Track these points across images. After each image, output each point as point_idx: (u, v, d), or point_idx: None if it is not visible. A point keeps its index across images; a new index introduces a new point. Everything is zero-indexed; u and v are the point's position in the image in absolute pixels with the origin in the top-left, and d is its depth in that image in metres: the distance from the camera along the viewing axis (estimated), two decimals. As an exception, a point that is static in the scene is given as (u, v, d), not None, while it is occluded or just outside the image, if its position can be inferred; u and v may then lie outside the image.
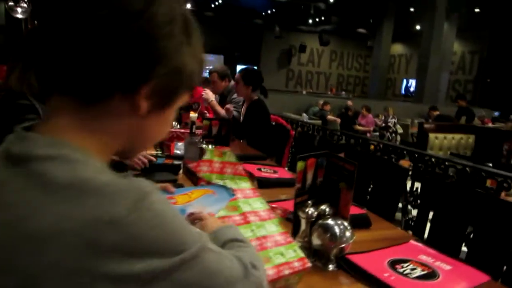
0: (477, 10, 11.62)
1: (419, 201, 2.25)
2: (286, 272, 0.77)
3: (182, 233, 0.45)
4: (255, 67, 3.07)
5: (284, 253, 0.81)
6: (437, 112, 7.28)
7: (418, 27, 13.68)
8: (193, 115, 2.86)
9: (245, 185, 1.06)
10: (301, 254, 0.82)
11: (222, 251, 0.53)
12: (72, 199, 0.41)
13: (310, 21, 14.85)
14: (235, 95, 3.22)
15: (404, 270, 0.95)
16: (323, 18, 14.22)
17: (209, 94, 3.17)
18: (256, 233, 0.86)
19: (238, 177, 1.09)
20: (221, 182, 1.09)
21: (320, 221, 0.97)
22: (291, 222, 1.05)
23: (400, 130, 7.65)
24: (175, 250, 0.44)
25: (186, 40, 0.51)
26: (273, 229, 0.88)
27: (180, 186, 1.41)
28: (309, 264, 0.81)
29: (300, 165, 1.00)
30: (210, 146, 1.08)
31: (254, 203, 0.99)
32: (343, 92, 15.50)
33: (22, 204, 0.41)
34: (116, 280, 0.40)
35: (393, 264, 0.98)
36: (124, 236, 0.40)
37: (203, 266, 0.46)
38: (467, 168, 2.02)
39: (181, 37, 0.50)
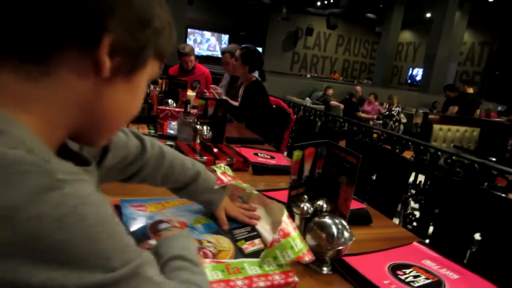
0: (490, 0, 11.30)
1: (422, 197, 2.16)
2: (261, 284, 0.66)
3: (106, 244, 0.35)
4: (258, 48, 2.90)
5: (263, 265, 0.71)
6: (471, 90, 6.74)
7: (428, 15, 13.36)
8: (190, 93, 2.74)
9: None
10: (285, 267, 0.72)
11: (167, 284, 0.42)
12: None
13: (319, 3, 14.50)
14: None
15: (407, 277, 0.85)
16: (331, 0, 13.86)
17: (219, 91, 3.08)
18: None
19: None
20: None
21: (316, 219, 0.87)
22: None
23: (404, 120, 7.53)
24: (90, 264, 0.33)
25: None
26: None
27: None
28: (294, 279, 0.70)
29: (296, 154, 0.89)
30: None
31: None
32: (367, 80, 15.20)
33: None
34: None
35: (394, 269, 0.88)
36: (19, 235, 0.31)
37: None
38: (475, 165, 1.91)
39: None
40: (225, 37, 15.70)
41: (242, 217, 0.89)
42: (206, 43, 15.46)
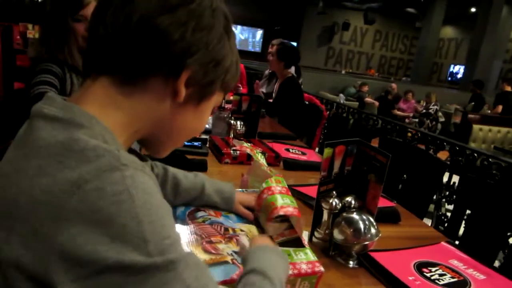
0: (542, -7, 10.62)
1: (454, 197, 2.12)
2: (289, 272, 0.69)
3: (147, 228, 0.39)
4: (294, 43, 2.92)
5: (292, 254, 0.75)
6: (509, 88, 6.47)
7: (473, 10, 12.76)
8: (225, 88, 2.82)
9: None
10: (313, 257, 0.76)
11: (206, 279, 0.44)
12: (52, 159, 0.41)
13: (356, -3, 14.19)
14: None
15: (432, 275, 0.87)
16: (370, -6, 13.53)
17: None
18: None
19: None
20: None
21: (344, 214, 0.90)
22: (311, 209, 0.99)
23: (441, 119, 7.28)
24: (130, 242, 0.38)
25: (226, 36, 0.53)
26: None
27: (203, 165, 1.37)
28: (320, 269, 0.74)
29: (327, 151, 0.93)
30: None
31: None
32: (404, 78, 14.78)
33: (14, 160, 0.44)
34: (68, 256, 0.37)
35: (420, 267, 0.90)
36: (83, 204, 0.38)
37: (171, 284, 0.40)
38: (513, 167, 1.86)
39: (222, 31, 0.52)
40: (260, 32, 15.72)
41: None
42: (242, 38, 15.54)
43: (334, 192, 0.95)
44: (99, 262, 0.37)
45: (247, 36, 15.70)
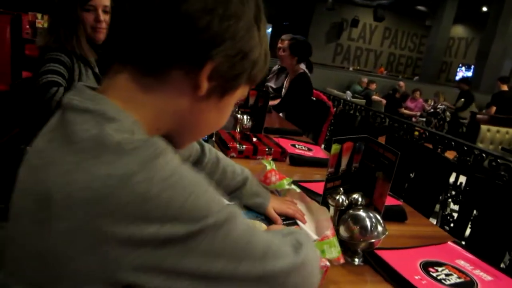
0: (556, -7, 10.45)
1: (461, 197, 2.10)
2: None
3: (203, 199, 0.42)
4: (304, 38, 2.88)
5: None
6: (505, 87, 6.52)
7: (484, 9, 12.60)
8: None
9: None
10: (323, 256, 0.76)
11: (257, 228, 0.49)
12: (86, 154, 0.40)
13: (366, -7, 14.06)
14: None
15: (438, 275, 0.86)
16: (380, -9, 13.40)
17: None
18: None
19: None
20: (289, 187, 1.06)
21: (350, 211, 0.89)
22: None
23: (449, 118, 7.21)
24: (193, 216, 0.40)
25: (256, 26, 0.50)
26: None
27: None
28: (326, 263, 0.73)
29: (335, 148, 0.92)
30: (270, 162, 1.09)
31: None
32: (416, 77, 14.67)
33: (46, 152, 0.43)
34: (125, 243, 0.38)
35: (426, 266, 0.89)
36: (134, 196, 0.38)
37: (229, 237, 0.43)
38: (522, 169, 1.83)
39: (252, 21, 0.49)
40: (268, 27, 15.67)
41: (292, 212, 0.94)
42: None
43: (341, 189, 0.95)
44: (166, 238, 0.39)
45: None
